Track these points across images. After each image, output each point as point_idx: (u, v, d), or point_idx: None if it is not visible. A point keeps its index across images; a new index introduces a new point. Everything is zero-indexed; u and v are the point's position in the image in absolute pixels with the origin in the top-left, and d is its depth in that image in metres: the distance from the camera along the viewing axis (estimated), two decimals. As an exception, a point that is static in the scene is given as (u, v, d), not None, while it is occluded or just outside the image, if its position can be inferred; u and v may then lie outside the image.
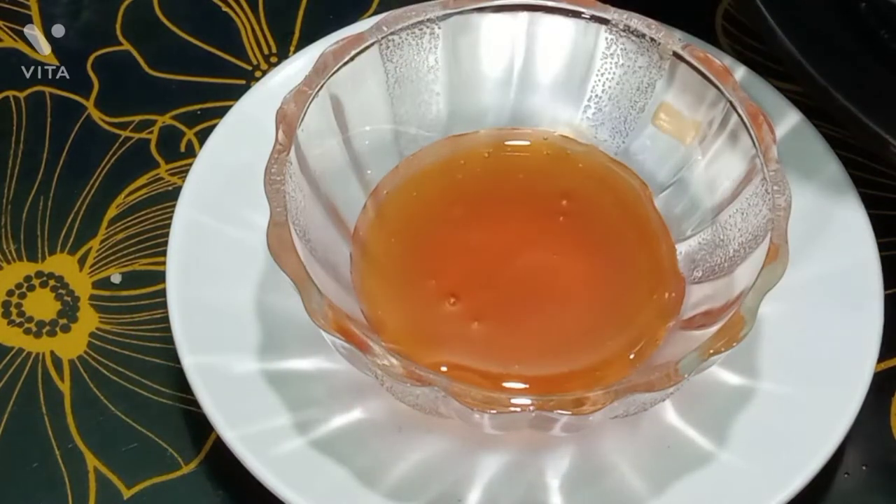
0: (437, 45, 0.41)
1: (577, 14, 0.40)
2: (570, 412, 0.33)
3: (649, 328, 0.38)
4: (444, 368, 0.37)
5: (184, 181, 0.41)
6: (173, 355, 0.38)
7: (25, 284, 0.43)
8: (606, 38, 0.41)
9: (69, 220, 0.44)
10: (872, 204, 0.42)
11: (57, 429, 0.40)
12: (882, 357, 0.39)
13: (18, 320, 0.42)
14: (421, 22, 0.40)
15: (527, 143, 0.42)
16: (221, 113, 0.43)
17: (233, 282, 0.39)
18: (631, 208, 0.41)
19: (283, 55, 0.49)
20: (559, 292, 0.40)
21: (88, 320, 0.42)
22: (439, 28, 0.40)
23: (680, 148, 0.41)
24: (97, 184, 0.45)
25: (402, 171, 0.41)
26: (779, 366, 0.38)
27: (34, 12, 0.50)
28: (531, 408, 0.33)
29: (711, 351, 0.33)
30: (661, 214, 0.41)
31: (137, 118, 0.47)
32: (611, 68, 0.41)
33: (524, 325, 0.39)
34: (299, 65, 0.42)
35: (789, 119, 0.43)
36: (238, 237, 0.40)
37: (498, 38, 0.41)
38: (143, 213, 0.44)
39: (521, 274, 0.39)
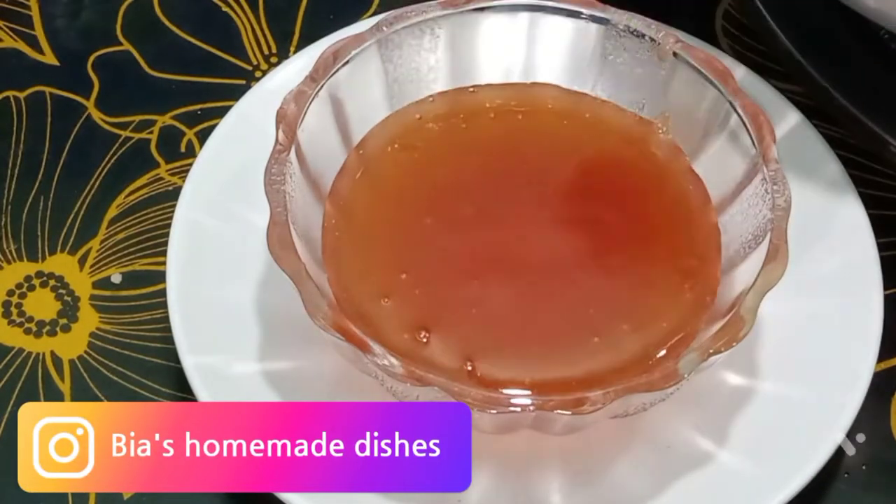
0: (437, 45, 0.41)
1: (577, 14, 0.40)
2: (569, 412, 0.33)
3: (682, 326, 0.37)
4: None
5: (184, 181, 0.41)
6: (173, 355, 0.38)
7: (26, 284, 0.43)
8: (606, 39, 0.41)
9: (69, 220, 0.44)
10: (872, 204, 0.42)
11: (57, 429, 0.40)
12: (882, 357, 0.39)
13: (19, 320, 0.42)
14: (421, 22, 0.40)
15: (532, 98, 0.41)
16: (221, 113, 0.43)
17: (233, 282, 0.39)
18: (660, 174, 0.40)
19: (283, 55, 0.49)
20: (570, 286, 0.38)
21: (88, 320, 0.42)
22: (439, 28, 0.40)
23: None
24: (97, 184, 0.45)
25: (389, 125, 0.40)
26: (779, 366, 0.38)
27: (34, 12, 0.50)
28: (531, 408, 0.33)
29: (711, 351, 0.33)
30: (699, 177, 0.39)
31: (137, 118, 0.47)
32: (611, 68, 0.41)
33: (529, 329, 0.37)
34: (299, 65, 0.42)
35: (789, 119, 0.42)
36: (238, 237, 0.40)
37: (498, 38, 0.41)
38: (143, 213, 0.44)
39: (531, 264, 0.38)
